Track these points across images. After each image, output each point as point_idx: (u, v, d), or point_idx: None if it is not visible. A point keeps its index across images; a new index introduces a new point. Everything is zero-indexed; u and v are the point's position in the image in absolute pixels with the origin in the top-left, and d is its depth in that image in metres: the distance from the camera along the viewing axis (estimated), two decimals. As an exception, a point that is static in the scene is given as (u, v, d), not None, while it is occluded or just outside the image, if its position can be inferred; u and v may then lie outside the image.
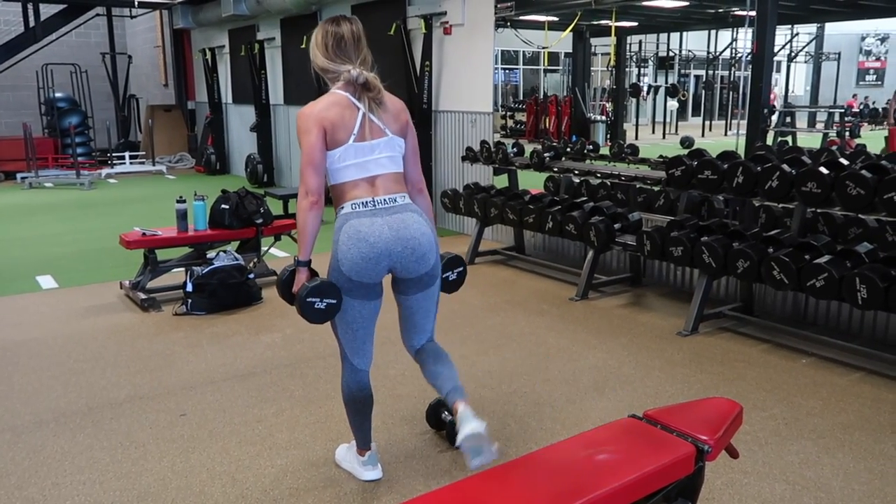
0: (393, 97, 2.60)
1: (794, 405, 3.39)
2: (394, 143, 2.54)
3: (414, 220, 2.50)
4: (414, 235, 2.47)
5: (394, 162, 2.55)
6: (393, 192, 2.51)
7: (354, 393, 2.66)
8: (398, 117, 2.57)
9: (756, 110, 6.58)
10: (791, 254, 3.89)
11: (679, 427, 2.11)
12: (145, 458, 2.92)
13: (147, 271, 5.07)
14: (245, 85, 11.35)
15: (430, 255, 2.52)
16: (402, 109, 2.62)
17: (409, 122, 2.62)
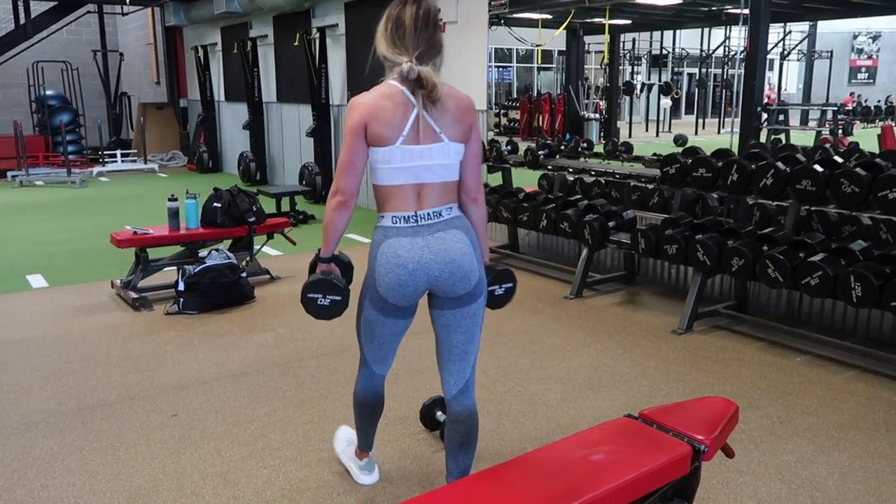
0: (458, 94, 2.27)
1: (790, 403, 3.38)
2: (449, 150, 2.22)
3: (456, 238, 2.23)
4: (454, 258, 2.22)
5: (448, 170, 2.25)
6: (439, 204, 2.24)
7: (368, 397, 2.55)
8: (460, 119, 2.23)
9: (749, 108, 6.59)
10: (785, 252, 3.88)
11: (675, 427, 2.10)
12: (136, 460, 2.89)
13: (138, 270, 5.03)
14: (238, 83, 11.30)
15: (472, 276, 2.27)
16: (467, 110, 2.27)
17: (473, 125, 2.28)
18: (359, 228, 7.52)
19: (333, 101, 9.16)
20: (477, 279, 2.29)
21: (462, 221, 2.29)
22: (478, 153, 2.34)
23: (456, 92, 2.28)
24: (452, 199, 2.29)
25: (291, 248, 5.95)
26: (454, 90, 2.27)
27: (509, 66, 23.43)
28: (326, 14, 9.04)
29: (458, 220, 2.28)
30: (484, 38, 6.76)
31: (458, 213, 2.29)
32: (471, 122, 2.28)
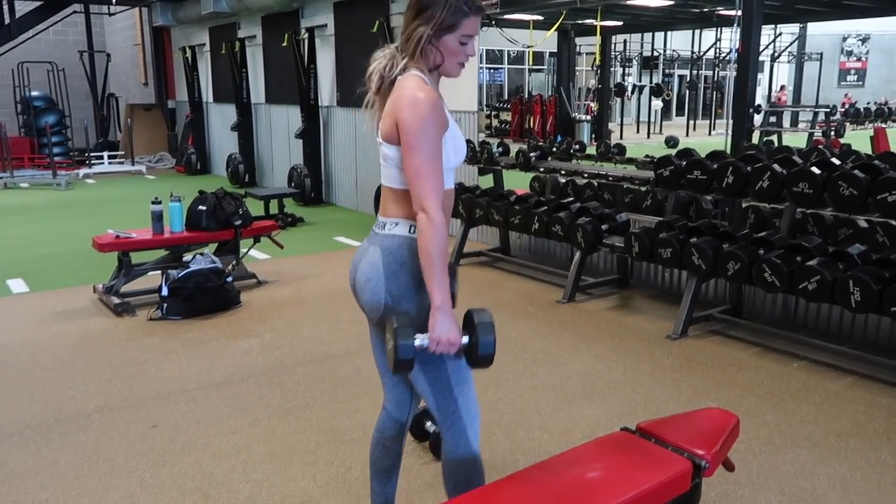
0: (402, 86, 1.86)
1: (788, 411, 3.30)
2: (382, 150, 1.91)
3: (369, 259, 1.93)
4: (359, 279, 1.96)
5: (385, 174, 1.94)
6: (384, 213, 1.96)
7: (373, 434, 2.21)
8: (389, 114, 1.86)
9: (742, 110, 6.53)
10: (782, 256, 3.81)
11: (674, 441, 2.01)
12: (113, 474, 2.78)
13: (121, 275, 4.91)
14: (226, 84, 11.17)
15: (373, 307, 1.93)
16: (394, 104, 1.85)
17: (399, 123, 1.82)
18: (349, 231, 7.43)
19: (322, 103, 9.05)
20: (379, 315, 1.93)
21: (392, 242, 1.91)
22: (407, 162, 1.81)
23: (404, 85, 1.86)
24: (404, 213, 1.90)
25: (279, 251, 5.84)
26: (406, 84, 1.85)
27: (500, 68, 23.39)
28: (315, 14, 8.93)
29: (389, 240, 1.91)
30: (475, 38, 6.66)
31: (400, 232, 1.91)
32: (394, 119, 1.82)
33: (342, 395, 3.49)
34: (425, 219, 1.79)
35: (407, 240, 1.90)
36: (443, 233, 1.79)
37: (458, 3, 1.84)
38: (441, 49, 1.87)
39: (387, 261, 1.90)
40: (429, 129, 1.80)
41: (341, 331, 4.40)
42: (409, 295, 1.90)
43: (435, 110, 1.81)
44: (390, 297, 1.90)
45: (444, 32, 1.85)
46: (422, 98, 1.80)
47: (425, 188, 1.79)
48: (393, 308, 1.90)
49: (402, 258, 1.90)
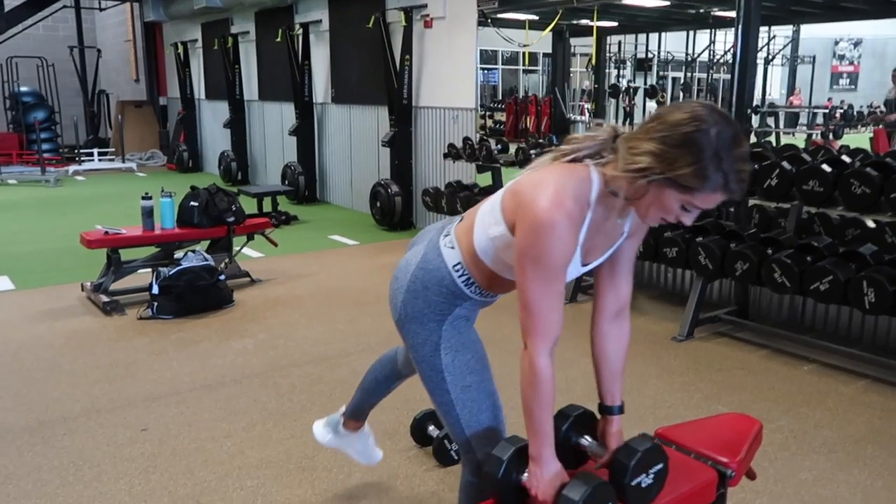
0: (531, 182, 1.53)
1: (801, 416, 3.20)
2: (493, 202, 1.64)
3: (413, 254, 1.79)
4: (395, 273, 1.83)
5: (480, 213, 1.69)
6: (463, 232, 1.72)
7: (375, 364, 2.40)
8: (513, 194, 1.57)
9: (740, 111, 6.45)
10: (792, 255, 3.71)
11: (697, 448, 1.89)
12: (100, 480, 2.64)
13: (110, 272, 4.76)
14: (218, 80, 11.01)
15: (390, 305, 1.81)
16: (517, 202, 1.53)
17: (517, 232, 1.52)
18: (343, 229, 7.30)
19: (317, 99, 8.91)
20: (395, 319, 1.79)
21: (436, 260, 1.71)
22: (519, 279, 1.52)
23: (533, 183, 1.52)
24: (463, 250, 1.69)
25: (273, 249, 5.70)
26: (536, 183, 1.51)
27: (494, 69, 23.31)
28: (310, 10, 8.79)
29: (434, 252, 1.73)
30: (473, 34, 6.56)
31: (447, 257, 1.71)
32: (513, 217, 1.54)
33: (339, 397, 3.35)
34: (526, 357, 1.53)
35: (444, 270, 1.70)
36: (546, 387, 1.52)
37: (720, 173, 1.36)
38: (655, 195, 1.43)
39: (416, 274, 1.74)
40: (546, 260, 1.46)
41: (337, 331, 4.27)
42: (420, 321, 1.73)
43: (561, 242, 1.45)
44: (403, 310, 1.75)
45: (677, 188, 1.39)
46: (553, 223, 1.43)
47: (532, 322, 1.51)
48: (401, 324, 1.77)
49: (428, 282, 1.71)
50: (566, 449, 1.69)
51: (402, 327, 1.77)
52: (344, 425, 2.47)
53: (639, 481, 1.54)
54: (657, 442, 1.63)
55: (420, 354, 1.74)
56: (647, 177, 1.39)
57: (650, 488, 1.57)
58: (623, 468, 1.53)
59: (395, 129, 7.18)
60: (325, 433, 2.49)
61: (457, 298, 1.71)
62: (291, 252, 6.28)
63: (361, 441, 2.50)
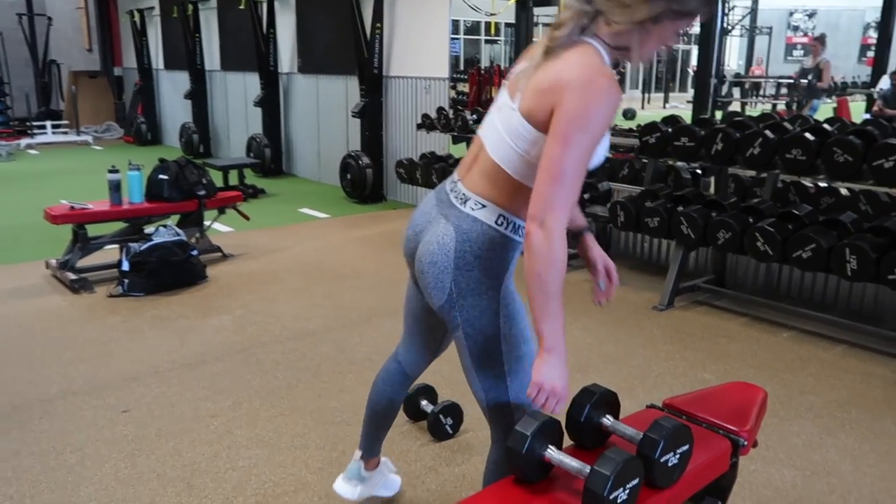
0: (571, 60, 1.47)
1: (786, 382, 3.24)
2: (510, 118, 1.56)
3: (440, 238, 1.64)
4: (422, 258, 1.68)
5: (496, 143, 1.59)
6: (476, 189, 1.63)
7: (376, 381, 2.16)
8: (543, 91, 1.49)
9: (705, 81, 6.48)
10: (774, 224, 3.73)
11: (707, 418, 1.89)
12: (83, 465, 2.55)
13: (76, 249, 4.59)
14: (178, 49, 10.66)
15: (434, 293, 1.66)
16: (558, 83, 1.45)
17: (556, 107, 1.44)
18: (313, 202, 7.17)
19: (282, 69, 8.68)
20: (442, 303, 1.66)
21: (472, 227, 1.61)
22: (547, 155, 1.44)
23: (574, 60, 1.47)
24: (495, 197, 1.60)
25: (243, 223, 5.57)
26: (577, 60, 1.47)
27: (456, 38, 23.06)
28: (274, -24, 8.53)
29: (469, 223, 1.62)
30: (446, 1, 6.42)
31: (483, 218, 1.61)
32: (552, 102, 1.45)
33: (326, 373, 3.30)
34: (543, 235, 1.43)
35: (489, 230, 1.61)
36: (563, 258, 1.44)
37: None
38: (658, 33, 1.48)
39: (461, 248, 1.61)
40: (594, 125, 1.43)
41: (317, 305, 4.19)
42: (478, 292, 1.63)
43: (611, 106, 1.44)
44: (456, 288, 1.63)
45: (680, 17, 1.48)
46: (604, 86, 1.42)
47: (560, 194, 1.43)
48: (455, 302, 1.64)
49: (478, 250, 1.61)
50: (589, 426, 1.66)
51: (454, 306, 1.65)
52: (366, 467, 2.24)
53: (666, 459, 1.51)
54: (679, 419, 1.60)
55: (476, 327, 1.65)
56: (658, 18, 1.45)
57: (675, 468, 1.55)
58: (653, 444, 1.50)
59: (366, 100, 7.04)
60: (352, 488, 2.23)
61: (509, 252, 1.64)
62: (262, 226, 6.14)
63: (383, 474, 2.32)
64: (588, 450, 1.70)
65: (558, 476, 1.61)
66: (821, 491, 2.43)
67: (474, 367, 1.70)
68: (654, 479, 1.52)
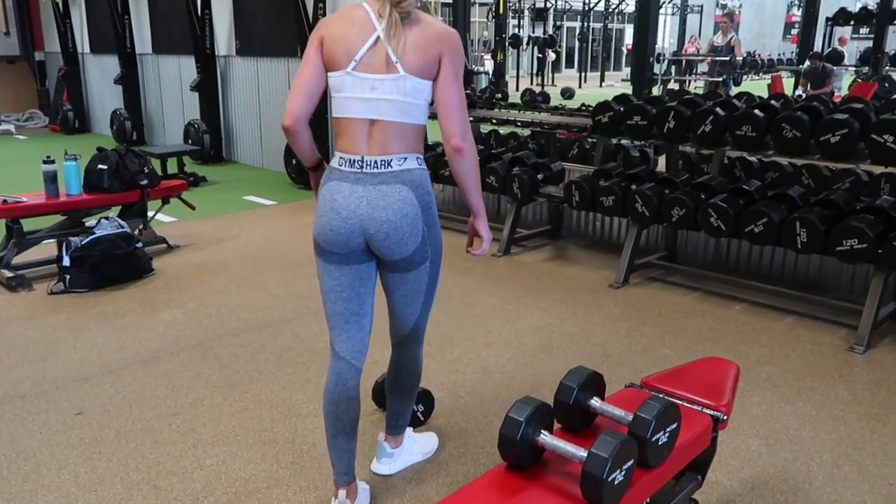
0: (436, 24, 1.95)
1: (742, 354, 3.33)
2: (405, 85, 1.90)
3: (399, 196, 1.95)
4: (391, 218, 1.95)
5: (399, 110, 1.93)
6: (390, 151, 1.95)
7: (329, 389, 2.10)
8: (426, 48, 1.91)
9: (642, 59, 6.57)
10: (727, 199, 3.81)
11: (686, 395, 1.91)
12: (39, 472, 2.42)
13: (11, 245, 4.35)
14: (105, 32, 10.18)
15: (409, 241, 1.98)
16: (438, 38, 1.92)
17: (444, 56, 1.92)
18: (257, 189, 6.99)
19: (220, 52, 8.40)
20: (416, 245, 2.01)
21: (413, 175, 1.99)
22: (452, 93, 1.94)
23: (433, 20, 1.96)
24: (408, 147, 1.99)
25: (188, 213, 5.38)
26: (437, 22, 1.97)
27: (392, 19, 22.80)
28: (207, -46, 8.22)
29: (408, 174, 1.98)
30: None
31: (412, 166, 1.99)
32: (439, 53, 1.92)
33: (287, 365, 3.23)
34: (470, 147, 1.99)
35: (420, 171, 2.02)
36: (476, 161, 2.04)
37: None
38: None
39: (419, 193, 1.99)
40: (462, 63, 1.99)
41: (272, 295, 4.09)
42: (435, 222, 2.06)
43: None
44: (426, 226, 2.02)
45: None
46: (457, 44, 1.97)
47: (466, 118, 1.98)
48: (427, 238, 2.02)
49: (427, 187, 2.02)
50: (577, 409, 1.66)
51: (426, 243, 2.03)
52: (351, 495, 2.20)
53: (657, 438, 1.52)
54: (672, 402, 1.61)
55: (438, 252, 2.09)
56: None
57: (664, 447, 1.57)
58: (645, 423, 1.50)
59: (309, 83, 6.86)
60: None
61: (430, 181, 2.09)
62: (206, 215, 5.96)
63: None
64: (576, 432, 1.70)
65: (549, 460, 1.61)
66: (785, 459, 2.51)
67: (429, 288, 2.14)
68: (645, 458, 1.53)
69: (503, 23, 14.11)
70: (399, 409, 2.36)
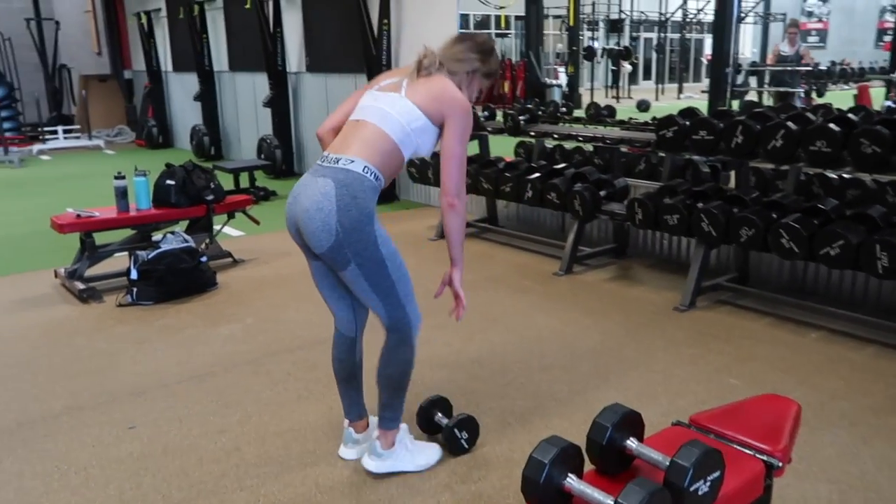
0: (451, 87, 2.26)
1: (816, 387, 3.10)
2: (398, 102, 2.21)
3: (321, 189, 2.11)
4: (306, 207, 2.13)
5: (381, 116, 2.20)
6: (346, 151, 2.18)
7: (333, 354, 2.55)
8: (434, 98, 2.22)
9: (720, 71, 6.30)
10: (800, 220, 3.59)
11: (738, 436, 1.77)
12: (87, 486, 2.46)
13: (84, 257, 4.52)
14: (186, 51, 10.59)
15: (322, 237, 2.12)
16: (450, 99, 2.23)
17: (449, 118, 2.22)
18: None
19: (291, 69, 8.60)
20: (330, 244, 2.12)
21: (345, 176, 2.12)
22: (453, 154, 2.21)
23: (453, 89, 2.26)
24: (366, 155, 2.16)
25: (254, 227, 5.48)
26: (454, 89, 2.27)
27: (466, 33, 22.89)
28: (280, -26, 8.44)
29: (342, 173, 2.13)
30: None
31: (352, 169, 2.13)
32: (445, 112, 2.22)
33: (337, 384, 3.20)
34: (461, 205, 2.25)
35: (360, 177, 2.12)
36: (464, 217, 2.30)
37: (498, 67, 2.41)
38: (474, 83, 2.38)
39: (339, 192, 2.09)
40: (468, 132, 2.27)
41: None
42: (359, 227, 2.11)
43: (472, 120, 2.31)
44: (342, 228, 2.09)
45: (485, 78, 2.39)
46: (469, 108, 2.27)
47: (463, 176, 2.23)
48: (343, 241, 2.09)
49: (354, 191, 2.10)
50: (612, 450, 1.55)
51: (342, 245, 2.11)
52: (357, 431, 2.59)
53: (696, 488, 1.40)
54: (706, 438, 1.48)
55: (364, 257, 2.14)
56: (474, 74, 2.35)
57: (705, 497, 1.44)
58: (682, 471, 1.39)
59: (375, 98, 6.92)
60: (349, 450, 2.58)
61: (373, 192, 2.16)
62: (273, 230, 6.02)
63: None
64: (611, 476, 1.59)
65: (580, 507, 1.51)
66: (858, 505, 2.30)
67: (372, 290, 2.21)
68: None
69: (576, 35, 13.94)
70: (384, 398, 2.43)
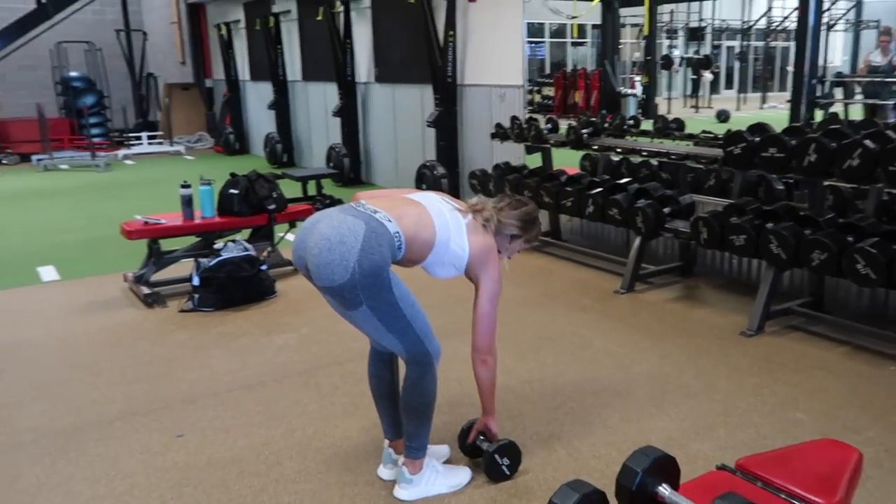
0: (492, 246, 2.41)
1: (893, 426, 2.88)
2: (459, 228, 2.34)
3: (349, 225, 2.14)
4: (329, 236, 2.13)
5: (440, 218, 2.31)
6: (390, 212, 2.25)
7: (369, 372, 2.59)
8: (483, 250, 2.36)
9: (801, 81, 5.99)
10: (878, 244, 3.35)
11: (787, 486, 1.63)
12: (131, 494, 2.51)
13: (150, 263, 4.67)
14: (262, 61, 10.89)
15: (336, 270, 2.11)
16: (491, 257, 2.38)
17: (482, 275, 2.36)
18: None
19: (360, 79, 8.70)
20: (343, 281, 2.11)
21: (379, 227, 2.17)
22: (484, 312, 2.34)
23: (493, 250, 2.40)
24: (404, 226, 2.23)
25: (316, 236, 5.53)
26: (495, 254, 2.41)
27: (541, 42, 22.69)
28: (352, -14, 8.56)
29: (377, 223, 2.18)
30: (519, 7, 6.23)
31: (390, 229, 2.19)
32: (478, 271, 2.36)
33: (383, 400, 3.17)
34: (493, 361, 2.40)
35: (388, 234, 2.18)
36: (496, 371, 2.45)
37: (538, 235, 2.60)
38: (514, 245, 2.53)
39: (368, 235, 2.12)
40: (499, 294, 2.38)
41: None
42: (376, 273, 2.13)
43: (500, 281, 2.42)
44: (360, 269, 2.10)
45: (525, 243, 2.54)
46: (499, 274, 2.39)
47: (493, 335, 2.37)
48: (357, 282, 2.10)
49: (381, 241, 2.14)
50: (642, 497, 1.45)
51: (356, 286, 2.12)
52: (396, 451, 2.57)
53: None
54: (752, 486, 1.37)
55: (377, 300, 2.17)
56: (513, 237, 2.51)
57: None
58: None
59: (440, 109, 6.93)
60: (389, 471, 2.57)
61: (393, 252, 2.21)
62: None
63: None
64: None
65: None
66: (931, 562, 2.11)
67: (387, 329, 2.23)
68: None
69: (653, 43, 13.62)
70: (408, 428, 2.40)
